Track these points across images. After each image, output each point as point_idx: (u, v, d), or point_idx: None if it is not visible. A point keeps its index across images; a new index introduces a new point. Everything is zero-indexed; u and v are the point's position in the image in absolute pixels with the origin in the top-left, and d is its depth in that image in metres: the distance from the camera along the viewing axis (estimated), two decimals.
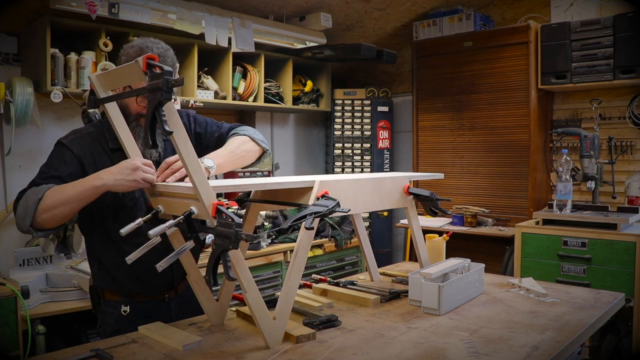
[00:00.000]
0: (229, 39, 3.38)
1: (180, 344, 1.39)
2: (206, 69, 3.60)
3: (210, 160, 1.58)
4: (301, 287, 2.02)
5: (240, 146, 1.73)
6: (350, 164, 4.59)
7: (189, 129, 1.81)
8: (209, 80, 3.58)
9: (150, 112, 1.19)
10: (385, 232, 4.65)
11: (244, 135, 1.80)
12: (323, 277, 2.08)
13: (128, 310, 1.69)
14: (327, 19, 3.73)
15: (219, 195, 1.33)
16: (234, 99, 3.69)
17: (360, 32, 4.28)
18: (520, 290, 1.98)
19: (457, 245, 3.26)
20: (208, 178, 1.39)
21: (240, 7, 3.46)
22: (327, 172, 4.87)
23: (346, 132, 4.59)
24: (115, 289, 1.71)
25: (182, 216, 1.33)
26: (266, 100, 3.95)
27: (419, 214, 1.97)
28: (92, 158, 1.61)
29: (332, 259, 3.80)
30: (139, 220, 1.42)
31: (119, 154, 1.58)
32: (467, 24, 3.90)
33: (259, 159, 1.83)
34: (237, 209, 2.60)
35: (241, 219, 1.24)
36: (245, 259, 1.38)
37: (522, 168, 3.69)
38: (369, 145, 4.58)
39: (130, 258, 1.38)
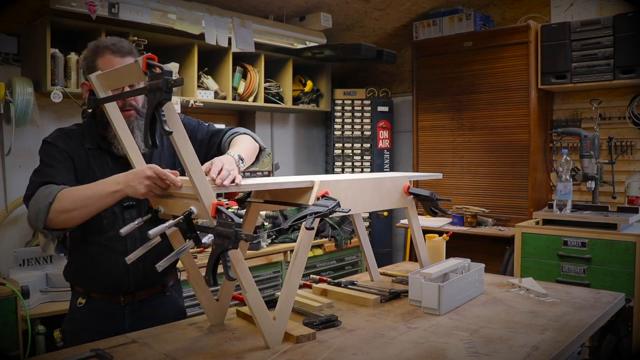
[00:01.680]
0: (229, 39, 3.38)
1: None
2: (206, 69, 3.60)
3: (238, 154, 1.55)
4: (301, 287, 2.02)
5: (250, 144, 1.74)
6: (350, 164, 4.59)
7: None
8: (209, 80, 3.58)
9: (150, 112, 1.19)
10: (385, 232, 4.65)
11: (245, 134, 1.80)
12: (323, 278, 2.07)
13: (83, 303, 1.70)
14: (327, 19, 3.73)
15: (219, 195, 1.33)
16: (234, 99, 3.69)
17: (360, 32, 4.28)
18: (520, 290, 1.98)
19: (457, 245, 3.26)
20: (240, 172, 1.42)
21: (240, 7, 3.46)
22: (327, 172, 4.87)
23: (346, 132, 4.59)
24: (75, 281, 1.76)
25: (182, 216, 1.33)
26: (266, 100, 3.95)
27: (419, 214, 1.97)
28: (75, 152, 1.66)
29: (332, 259, 3.80)
30: (139, 220, 1.42)
31: (96, 152, 1.67)
32: (467, 24, 3.90)
33: (257, 158, 1.81)
34: (237, 209, 2.61)
35: (241, 219, 1.24)
36: (245, 259, 1.38)
37: (522, 168, 3.69)
38: (369, 145, 4.58)
39: (130, 258, 1.38)
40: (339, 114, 4.57)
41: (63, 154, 1.63)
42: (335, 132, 4.58)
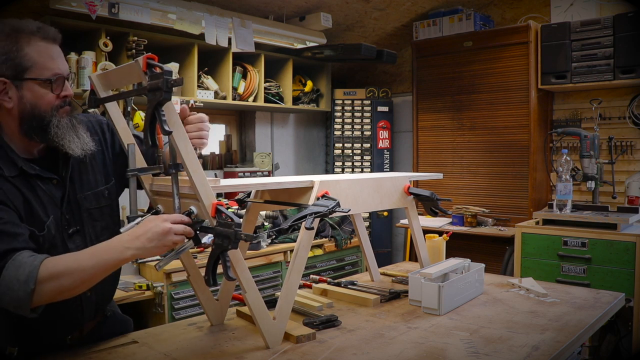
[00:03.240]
0: (229, 39, 3.38)
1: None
2: (206, 69, 3.60)
3: None
4: (301, 287, 2.02)
5: None
6: (350, 164, 4.59)
7: (103, 139, 1.53)
8: (209, 80, 3.58)
9: (150, 112, 1.19)
10: (385, 232, 4.65)
11: None
12: (323, 278, 2.07)
13: (16, 353, 1.33)
14: (327, 19, 3.73)
15: (219, 195, 1.33)
16: (234, 99, 3.69)
17: (360, 32, 4.28)
18: (520, 290, 1.98)
19: (457, 245, 3.26)
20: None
21: (240, 7, 3.46)
22: (327, 172, 4.87)
23: (346, 132, 4.59)
24: (5, 343, 1.34)
25: None
26: (266, 100, 3.95)
27: (419, 214, 1.97)
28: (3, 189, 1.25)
29: (332, 259, 3.80)
30: (139, 219, 1.41)
31: (21, 181, 1.28)
32: (467, 24, 3.90)
33: None
34: (237, 209, 2.60)
35: (241, 219, 1.24)
36: (245, 259, 1.38)
37: (522, 168, 3.69)
38: (369, 145, 4.58)
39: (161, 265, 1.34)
40: (339, 114, 4.58)
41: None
42: (335, 132, 4.58)
